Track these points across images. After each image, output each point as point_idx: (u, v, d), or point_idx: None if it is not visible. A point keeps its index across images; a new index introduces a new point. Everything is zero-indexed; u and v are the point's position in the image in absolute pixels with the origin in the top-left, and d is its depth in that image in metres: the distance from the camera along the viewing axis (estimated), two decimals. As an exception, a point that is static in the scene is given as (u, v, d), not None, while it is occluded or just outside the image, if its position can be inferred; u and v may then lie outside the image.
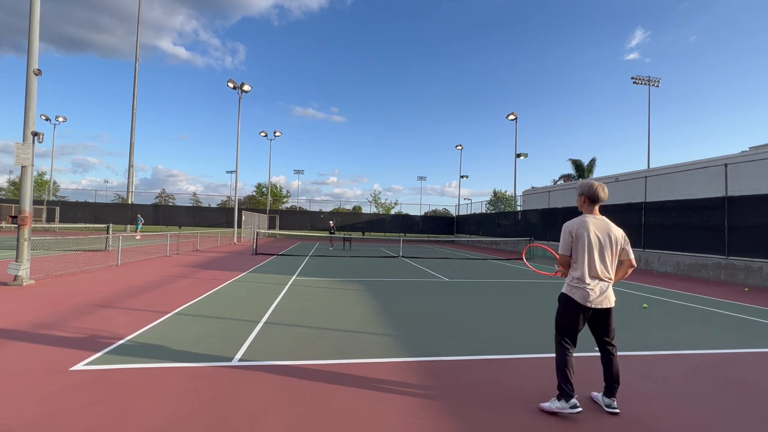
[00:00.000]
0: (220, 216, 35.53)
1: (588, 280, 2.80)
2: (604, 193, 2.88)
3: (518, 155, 33.26)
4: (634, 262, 2.93)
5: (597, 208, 2.93)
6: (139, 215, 26.95)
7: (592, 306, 2.78)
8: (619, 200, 18.18)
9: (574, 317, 2.83)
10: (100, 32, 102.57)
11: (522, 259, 3.51)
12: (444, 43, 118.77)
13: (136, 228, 25.76)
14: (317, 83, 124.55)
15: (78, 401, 2.74)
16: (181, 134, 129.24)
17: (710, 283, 11.13)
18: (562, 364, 2.78)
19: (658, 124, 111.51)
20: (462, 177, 45.98)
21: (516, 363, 3.84)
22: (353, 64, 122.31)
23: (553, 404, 2.76)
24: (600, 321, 2.86)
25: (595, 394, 3.04)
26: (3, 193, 48.10)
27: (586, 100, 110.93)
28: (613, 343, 2.88)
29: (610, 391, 2.87)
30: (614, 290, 2.85)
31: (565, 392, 2.72)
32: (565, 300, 2.87)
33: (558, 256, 2.93)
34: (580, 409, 2.71)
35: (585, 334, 2.97)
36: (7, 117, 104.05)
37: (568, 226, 2.88)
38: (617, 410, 2.81)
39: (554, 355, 2.88)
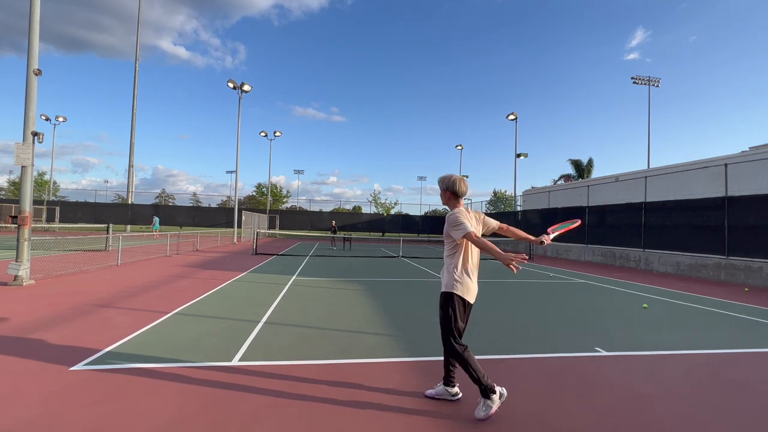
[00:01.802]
0: (220, 216, 35.52)
1: (474, 274, 2.81)
2: (465, 186, 2.85)
3: (518, 155, 33.22)
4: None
5: (462, 201, 2.91)
6: (154, 215, 27.13)
7: (472, 303, 2.80)
8: (619, 200, 18.20)
9: (464, 316, 2.78)
10: (100, 32, 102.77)
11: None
12: (444, 43, 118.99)
13: (153, 228, 25.88)
14: (317, 83, 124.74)
15: (78, 401, 2.74)
16: (181, 134, 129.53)
17: (710, 283, 11.13)
18: (471, 360, 2.66)
19: (658, 124, 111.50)
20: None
21: (515, 363, 3.83)
22: (353, 64, 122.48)
23: (487, 407, 2.61)
24: (467, 316, 2.84)
25: (431, 391, 2.98)
26: (3, 193, 48.08)
27: (586, 100, 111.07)
28: None
29: (453, 379, 2.93)
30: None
31: (489, 386, 2.63)
32: (456, 300, 2.73)
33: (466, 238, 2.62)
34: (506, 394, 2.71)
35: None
36: (7, 117, 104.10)
37: (457, 212, 2.74)
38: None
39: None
